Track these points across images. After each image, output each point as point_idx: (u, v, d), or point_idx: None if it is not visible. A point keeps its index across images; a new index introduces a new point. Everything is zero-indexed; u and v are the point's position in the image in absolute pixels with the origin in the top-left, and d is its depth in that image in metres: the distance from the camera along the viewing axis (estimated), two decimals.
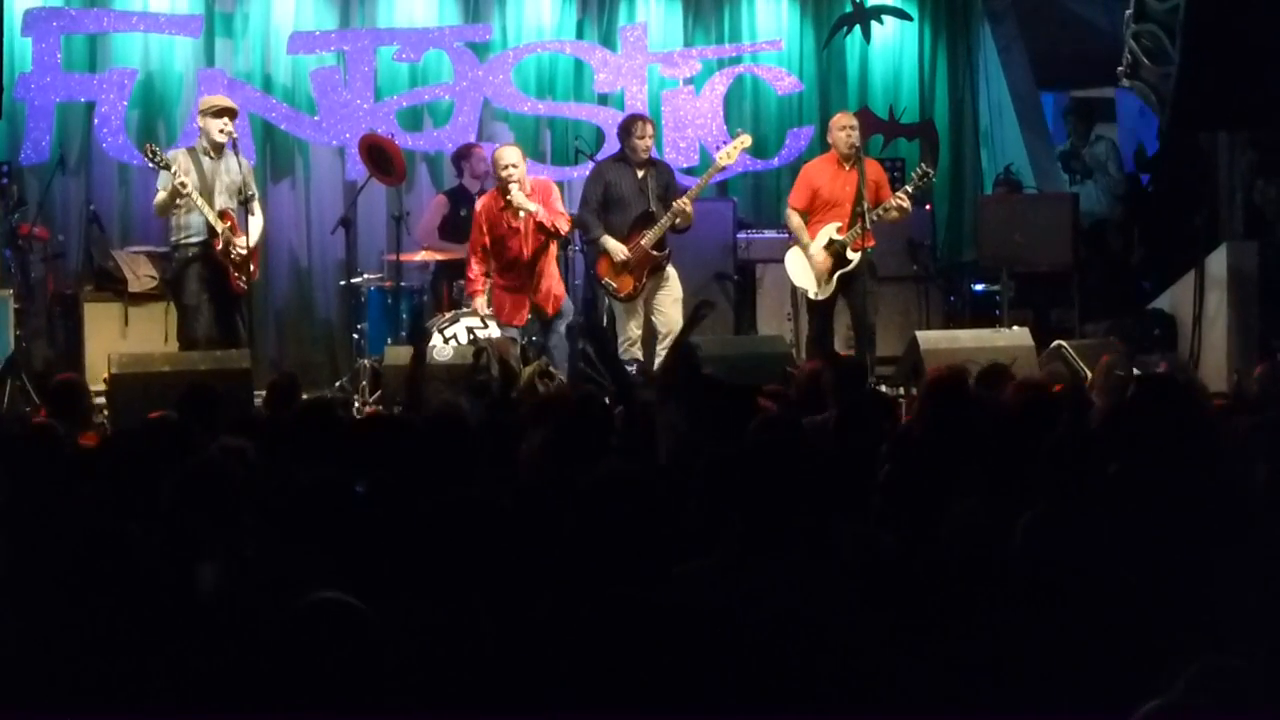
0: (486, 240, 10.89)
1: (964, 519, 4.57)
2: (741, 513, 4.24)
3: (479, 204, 11.12)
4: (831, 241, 11.21)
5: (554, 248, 11.13)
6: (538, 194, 10.89)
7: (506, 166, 10.79)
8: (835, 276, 11.24)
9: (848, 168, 11.31)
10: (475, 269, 10.99)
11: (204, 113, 10.87)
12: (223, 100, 11.02)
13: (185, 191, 10.42)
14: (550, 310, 11.02)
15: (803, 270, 11.40)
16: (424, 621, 3.85)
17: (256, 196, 11.12)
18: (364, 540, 4.49)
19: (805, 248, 11.33)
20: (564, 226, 11.00)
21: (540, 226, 10.81)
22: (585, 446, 5.76)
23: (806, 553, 4.23)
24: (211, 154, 10.78)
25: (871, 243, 11.31)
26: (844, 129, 11.43)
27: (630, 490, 4.55)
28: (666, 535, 4.51)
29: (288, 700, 3.29)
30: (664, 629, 3.31)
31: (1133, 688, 3.16)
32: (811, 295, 11.39)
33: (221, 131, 10.72)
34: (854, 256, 11.16)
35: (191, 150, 10.85)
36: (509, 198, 10.71)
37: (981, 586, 4.06)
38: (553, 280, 11.12)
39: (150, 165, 10.73)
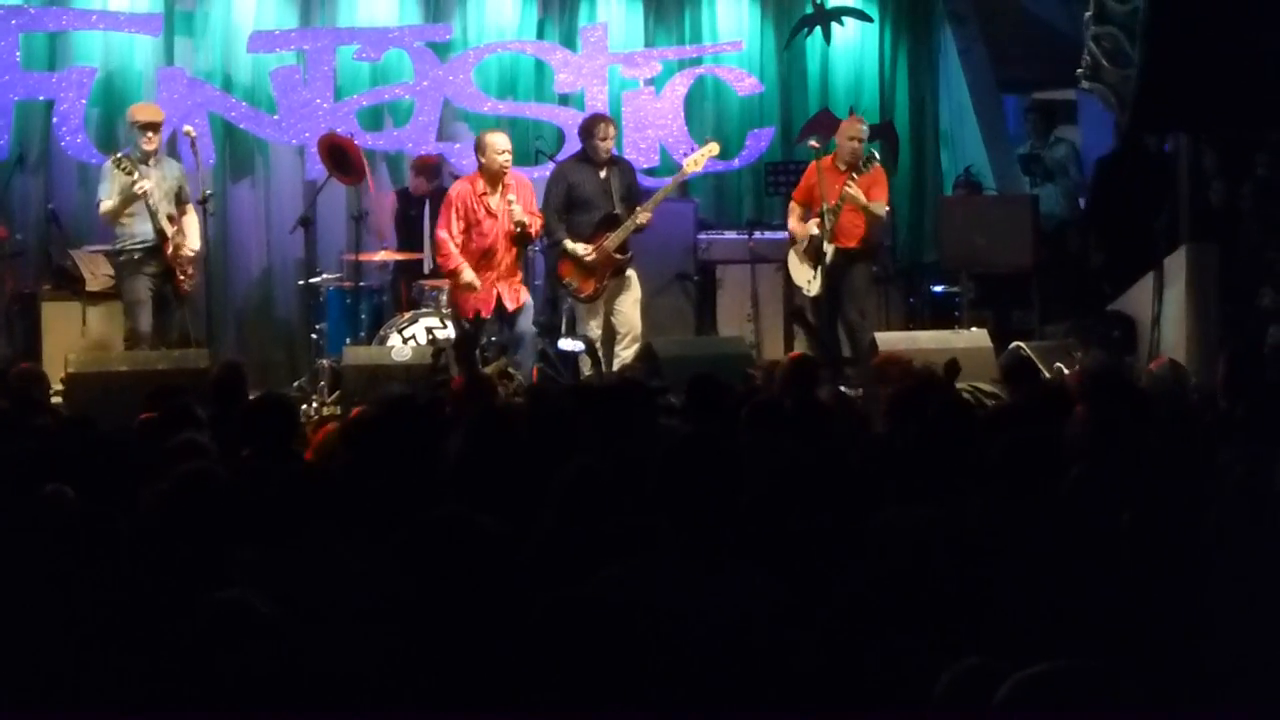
0: (462, 225, 10.76)
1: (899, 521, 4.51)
2: (670, 513, 4.16)
3: (453, 189, 11.01)
4: (813, 236, 11.29)
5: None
6: (522, 192, 10.87)
7: (504, 151, 10.78)
8: (819, 272, 11.32)
9: (842, 170, 11.37)
10: (453, 248, 10.73)
11: (133, 124, 10.87)
12: (148, 113, 10.99)
13: (149, 201, 10.52)
14: (514, 304, 10.95)
15: (797, 266, 11.60)
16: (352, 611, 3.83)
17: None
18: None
19: (794, 235, 11.61)
20: (537, 227, 10.98)
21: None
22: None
23: (736, 554, 4.16)
24: (146, 161, 10.77)
25: (856, 240, 11.39)
26: (850, 138, 11.55)
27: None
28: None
29: (204, 700, 3.27)
30: (589, 628, 3.28)
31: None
32: (804, 291, 11.57)
33: (149, 142, 10.77)
34: (828, 249, 11.26)
35: (126, 157, 10.79)
36: (512, 209, 10.65)
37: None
38: (519, 274, 11.10)
39: (119, 172, 10.65)
